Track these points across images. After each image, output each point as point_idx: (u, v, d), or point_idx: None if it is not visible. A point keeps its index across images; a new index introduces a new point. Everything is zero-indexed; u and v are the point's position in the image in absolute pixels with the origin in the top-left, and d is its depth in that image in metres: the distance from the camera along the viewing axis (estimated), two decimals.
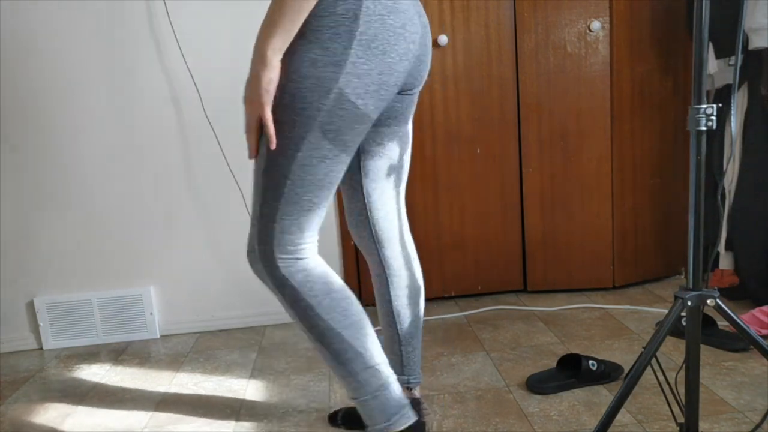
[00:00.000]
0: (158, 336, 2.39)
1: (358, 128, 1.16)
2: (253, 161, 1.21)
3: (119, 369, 2.12)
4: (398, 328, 1.47)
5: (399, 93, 1.28)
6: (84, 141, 2.26)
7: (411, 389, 1.52)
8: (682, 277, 2.61)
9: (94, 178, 2.29)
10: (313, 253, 1.24)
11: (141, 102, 2.25)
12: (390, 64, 1.13)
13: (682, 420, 1.30)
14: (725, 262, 2.32)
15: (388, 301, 1.46)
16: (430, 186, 2.43)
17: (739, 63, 1.72)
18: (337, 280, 1.25)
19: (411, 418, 1.28)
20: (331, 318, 1.22)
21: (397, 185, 1.42)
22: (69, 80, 2.22)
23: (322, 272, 1.23)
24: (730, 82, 2.22)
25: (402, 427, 1.28)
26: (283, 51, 1.08)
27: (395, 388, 1.28)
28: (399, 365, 1.49)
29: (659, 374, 1.67)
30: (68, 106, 2.23)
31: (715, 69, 2.23)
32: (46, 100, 2.22)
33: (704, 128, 1.17)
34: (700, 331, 1.24)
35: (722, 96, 2.28)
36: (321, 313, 1.21)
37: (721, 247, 2.30)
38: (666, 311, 1.77)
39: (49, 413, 1.82)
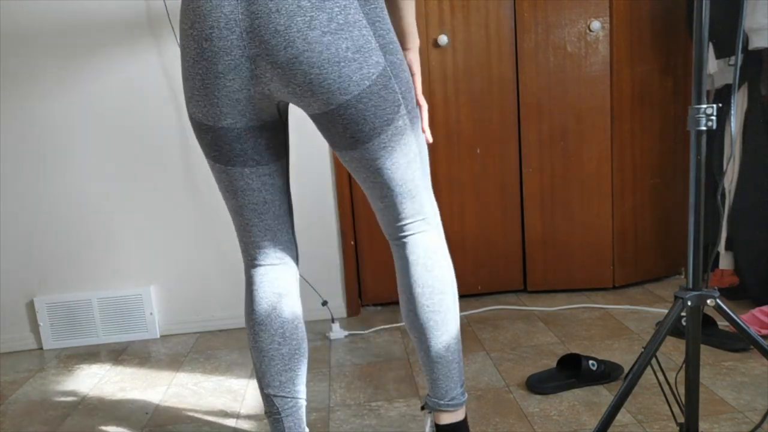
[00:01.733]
0: (158, 336, 2.39)
1: (205, 138, 1.14)
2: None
3: (119, 369, 2.12)
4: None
5: (313, 114, 1.10)
6: (83, 141, 2.26)
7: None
8: (682, 277, 2.61)
9: (94, 177, 2.29)
10: None
11: (141, 102, 2.25)
12: (187, 68, 1.08)
13: (682, 420, 1.30)
14: (725, 262, 2.32)
15: None
16: None
17: (739, 63, 1.72)
18: None
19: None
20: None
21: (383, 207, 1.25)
22: (68, 80, 2.22)
23: None
24: (730, 82, 2.22)
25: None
26: None
27: None
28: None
29: (659, 374, 1.67)
30: (67, 106, 2.23)
31: (715, 69, 2.23)
32: (45, 100, 2.22)
33: (704, 128, 1.17)
34: (700, 331, 1.24)
35: (722, 96, 2.28)
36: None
37: (721, 247, 2.30)
38: (666, 311, 1.77)
39: (49, 413, 1.82)
